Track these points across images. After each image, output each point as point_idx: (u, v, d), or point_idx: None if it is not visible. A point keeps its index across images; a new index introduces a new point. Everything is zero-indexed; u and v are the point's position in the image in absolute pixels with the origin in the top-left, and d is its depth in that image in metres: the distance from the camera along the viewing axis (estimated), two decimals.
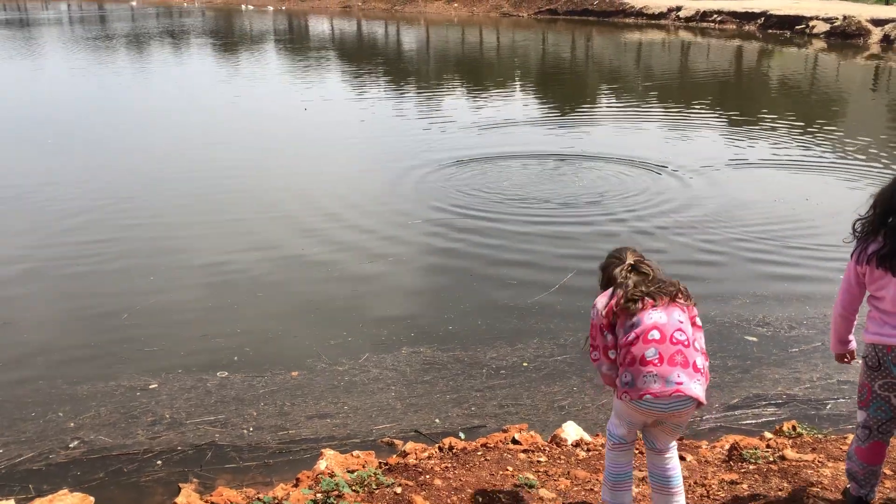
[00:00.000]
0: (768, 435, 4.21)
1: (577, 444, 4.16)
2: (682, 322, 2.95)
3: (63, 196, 10.11)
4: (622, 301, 2.99)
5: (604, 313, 3.06)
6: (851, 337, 3.25)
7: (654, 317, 2.93)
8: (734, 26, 33.51)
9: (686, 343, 2.91)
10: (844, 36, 27.93)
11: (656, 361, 2.86)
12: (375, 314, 6.66)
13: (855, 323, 3.22)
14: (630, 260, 3.13)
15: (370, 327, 6.39)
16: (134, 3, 62.72)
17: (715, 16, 34.90)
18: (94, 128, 14.90)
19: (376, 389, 5.42)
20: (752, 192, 10.07)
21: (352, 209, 9.54)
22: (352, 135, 13.57)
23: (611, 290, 3.11)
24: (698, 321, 3.07)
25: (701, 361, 2.95)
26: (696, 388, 2.88)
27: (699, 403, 2.92)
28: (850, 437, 3.83)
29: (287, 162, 12.03)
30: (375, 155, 12.24)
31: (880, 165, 11.29)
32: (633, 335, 2.93)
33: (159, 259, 7.95)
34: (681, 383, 2.85)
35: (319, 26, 43.37)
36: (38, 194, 10.18)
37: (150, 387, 5.49)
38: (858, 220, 3.07)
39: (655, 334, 2.90)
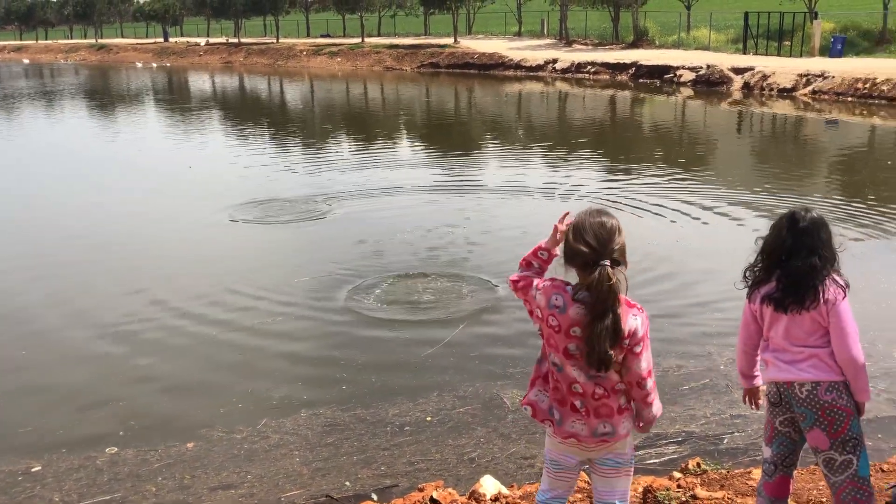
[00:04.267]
0: (677, 475, 4.30)
1: (495, 499, 4.12)
2: None
3: None
4: None
5: None
6: (757, 372, 3.38)
7: None
8: (608, 76, 35.12)
9: None
10: (709, 84, 29.72)
11: None
12: (265, 378, 6.43)
13: (758, 359, 3.35)
14: None
15: (262, 392, 6.16)
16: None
17: (589, 67, 36.51)
18: None
19: (279, 455, 5.22)
20: (629, 237, 10.38)
21: (231, 271, 9.26)
22: (239, 192, 13.29)
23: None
24: None
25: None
26: None
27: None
28: (753, 470, 3.96)
29: (168, 224, 11.64)
30: (260, 212, 12.01)
31: (751, 206, 11.92)
32: None
33: (26, 328, 7.49)
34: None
35: (200, 83, 42.69)
36: None
37: (33, 470, 5.11)
38: (748, 267, 3.23)
39: None
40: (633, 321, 2.72)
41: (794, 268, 3.05)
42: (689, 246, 9.84)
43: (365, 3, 54.70)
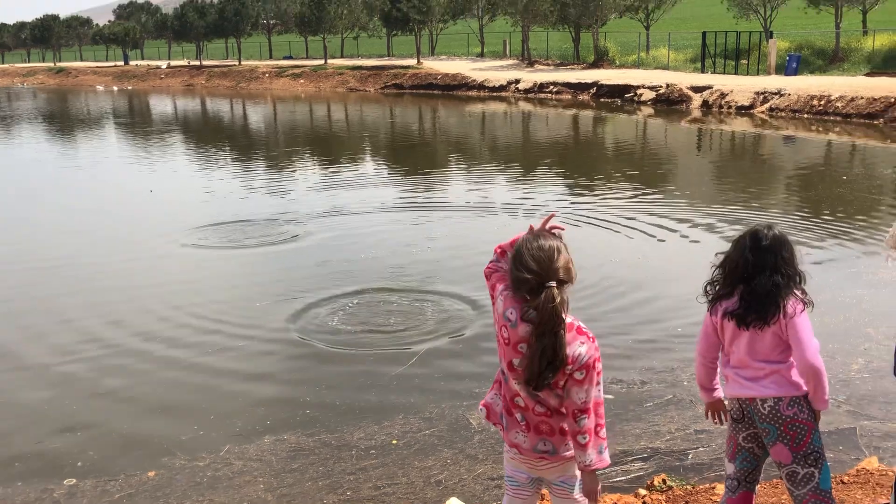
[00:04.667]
0: (643, 492, 4.31)
1: None
2: None
3: None
4: None
5: None
6: (717, 384, 3.40)
7: None
8: (570, 96, 35.52)
9: None
10: (669, 102, 30.20)
11: None
12: (228, 404, 6.33)
13: (718, 371, 3.37)
14: None
15: (223, 418, 6.06)
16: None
17: (551, 87, 36.91)
18: None
19: (243, 483, 5.13)
20: (585, 254, 10.13)
21: (192, 296, 9.14)
22: (202, 215, 13.15)
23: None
24: None
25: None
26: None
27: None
28: (717, 485, 3.98)
29: (127, 248, 11.47)
30: (222, 235, 11.88)
31: (711, 222, 12.09)
32: None
33: None
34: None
35: (162, 106, 42.35)
36: None
37: None
38: (709, 282, 3.27)
39: None
40: (579, 347, 2.73)
41: (756, 286, 3.09)
42: (650, 263, 9.93)
43: (327, 25, 54.81)
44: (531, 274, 2.70)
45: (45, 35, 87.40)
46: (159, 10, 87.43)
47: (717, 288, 3.24)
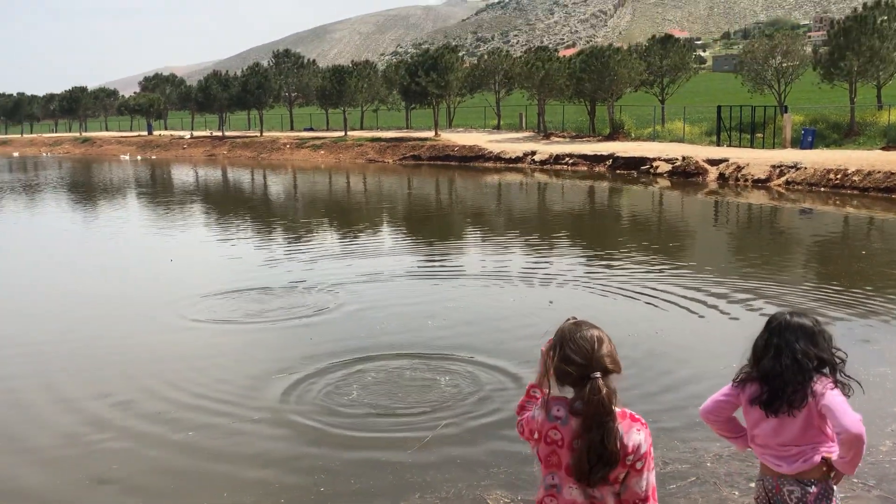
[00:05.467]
0: None
1: None
2: None
3: None
4: None
5: None
6: (742, 427, 3.35)
7: None
8: (585, 168, 35.81)
9: None
10: (685, 175, 30.35)
11: None
12: (240, 482, 6.25)
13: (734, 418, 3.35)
14: None
15: (237, 497, 5.96)
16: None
17: (567, 158, 37.27)
18: None
19: None
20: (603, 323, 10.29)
21: (208, 368, 9.11)
22: (220, 283, 13.21)
23: None
24: None
25: None
26: None
27: None
28: None
29: (142, 321, 11.49)
30: (239, 304, 11.90)
31: (729, 295, 11.98)
32: None
33: None
34: None
35: (184, 175, 43.06)
36: None
37: None
38: (741, 369, 3.25)
39: None
40: (636, 436, 2.66)
41: (772, 370, 3.05)
42: (669, 338, 9.80)
43: (348, 99, 55.92)
44: (574, 366, 2.63)
45: (73, 106, 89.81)
46: (184, 81, 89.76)
47: (746, 369, 3.22)
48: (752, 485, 3.28)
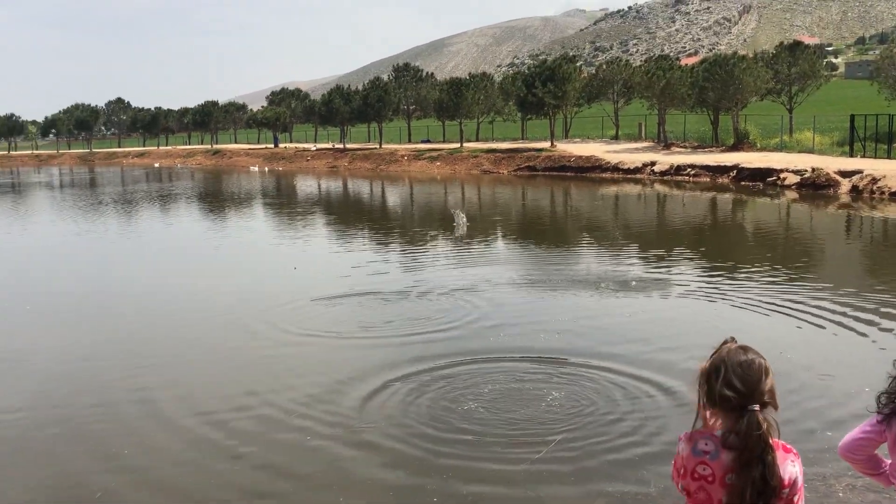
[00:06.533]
0: None
1: None
2: None
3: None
4: None
5: None
6: (885, 463, 3.17)
7: None
8: (708, 179, 34.76)
9: None
10: (815, 187, 28.97)
11: None
12: (354, 492, 6.41)
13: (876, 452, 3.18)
14: None
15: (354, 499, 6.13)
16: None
17: (689, 169, 36.29)
18: (91, 298, 14.93)
19: None
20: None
21: (332, 374, 9.39)
22: (343, 288, 13.57)
23: None
24: None
25: None
26: None
27: None
28: None
29: (267, 331, 11.95)
30: (359, 310, 12.18)
31: (863, 315, 11.35)
32: None
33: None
34: None
35: (307, 186, 44.58)
36: None
37: None
38: (884, 393, 3.06)
39: None
40: (791, 468, 2.56)
41: None
42: (796, 358, 9.35)
43: (464, 111, 56.50)
44: (734, 392, 2.53)
45: (205, 119, 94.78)
46: (308, 95, 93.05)
47: (892, 398, 3.02)
48: None
